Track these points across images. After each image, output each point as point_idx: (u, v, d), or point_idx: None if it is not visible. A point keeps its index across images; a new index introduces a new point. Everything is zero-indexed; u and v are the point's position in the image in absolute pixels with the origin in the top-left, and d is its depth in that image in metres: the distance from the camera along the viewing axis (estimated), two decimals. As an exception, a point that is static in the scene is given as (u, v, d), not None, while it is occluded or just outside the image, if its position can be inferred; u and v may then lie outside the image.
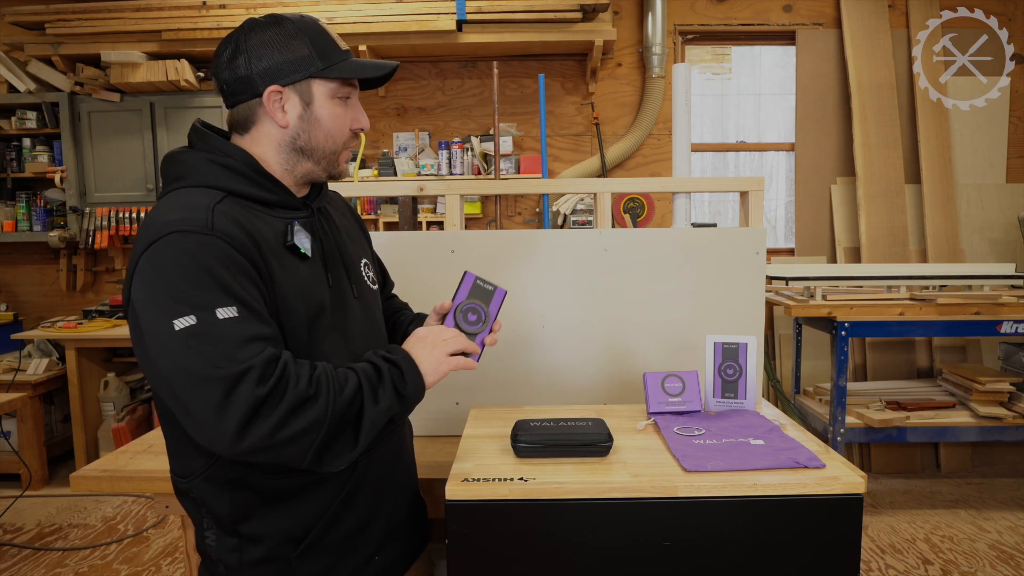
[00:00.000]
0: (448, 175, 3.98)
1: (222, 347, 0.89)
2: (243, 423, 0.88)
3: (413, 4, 3.63)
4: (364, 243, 1.31)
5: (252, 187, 1.04)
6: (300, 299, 1.03)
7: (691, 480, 1.11)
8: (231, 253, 0.95)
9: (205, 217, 0.95)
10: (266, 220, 1.04)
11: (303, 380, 0.93)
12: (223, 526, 1.06)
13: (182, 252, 0.92)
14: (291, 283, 1.02)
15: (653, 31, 3.95)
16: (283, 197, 1.08)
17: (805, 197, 4.12)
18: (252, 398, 0.88)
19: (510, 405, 1.69)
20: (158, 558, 2.86)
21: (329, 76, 1.06)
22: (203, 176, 1.02)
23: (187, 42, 3.75)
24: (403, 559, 1.24)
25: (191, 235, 0.93)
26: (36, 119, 4.02)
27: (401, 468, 1.25)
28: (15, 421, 3.61)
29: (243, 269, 0.96)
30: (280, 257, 1.02)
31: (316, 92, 1.07)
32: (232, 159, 1.04)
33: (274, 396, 0.90)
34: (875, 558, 2.81)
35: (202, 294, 0.91)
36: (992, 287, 3.22)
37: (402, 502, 1.24)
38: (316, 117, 1.07)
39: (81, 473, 1.55)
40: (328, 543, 1.09)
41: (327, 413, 0.94)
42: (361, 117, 1.13)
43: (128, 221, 4.00)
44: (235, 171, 1.04)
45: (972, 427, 3.10)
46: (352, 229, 1.27)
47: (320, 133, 1.08)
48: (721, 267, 1.73)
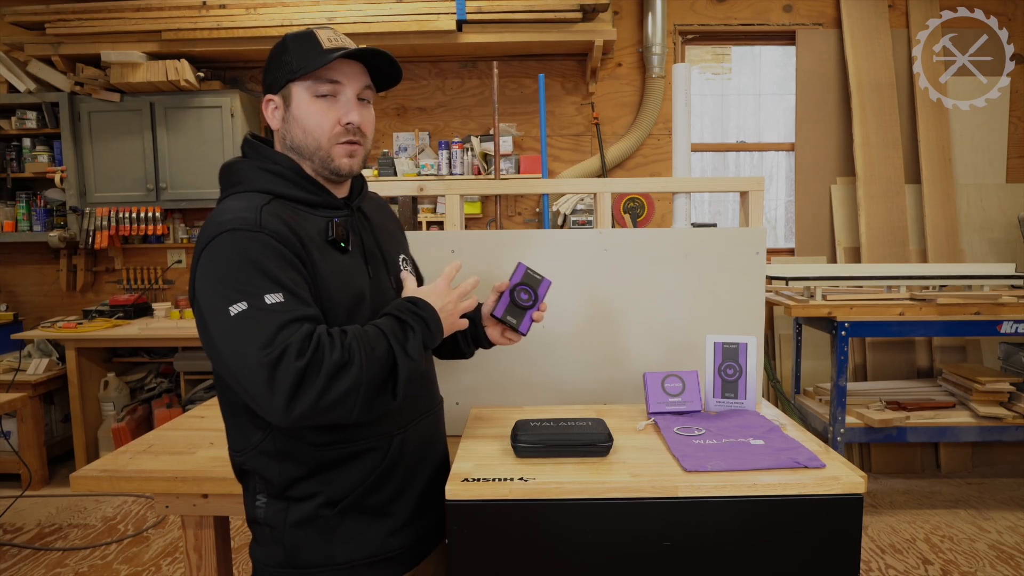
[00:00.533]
0: (448, 175, 3.98)
1: (269, 329, 1.01)
2: (290, 395, 0.99)
3: (413, 4, 3.63)
4: (402, 241, 1.40)
5: (296, 189, 1.16)
6: (341, 287, 1.13)
7: (691, 480, 1.11)
8: (277, 247, 1.06)
9: (255, 217, 1.07)
10: (309, 218, 1.16)
11: (336, 349, 1.03)
12: (272, 492, 1.17)
13: (235, 248, 1.05)
14: (332, 273, 1.13)
15: (653, 31, 3.95)
16: (324, 198, 1.19)
17: (805, 197, 4.12)
18: (294, 371, 0.99)
19: (510, 405, 1.69)
20: (158, 558, 2.86)
21: (299, 76, 1.14)
22: (254, 182, 1.16)
23: (187, 42, 3.75)
24: (424, 541, 1.27)
25: (242, 233, 1.05)
26: (36, 119, 4.02)
27: (436, 445, 1.32)
28: (15, 421, 3.61)
29: (288, 260, 1.07)
30: (322, 250, 1.13)
31: (295, 93, 1.16)
32: (279, 166, 1.17)
33: (313, 367, 1.00)
34: (875, 558, 2.81)
35: (253, 283, 1.03)
36: (992, 287, 3.22)
37: (436, 477, 1.29)
38: (294, 116, 1.17)
39: (81, 473, 1.55)
40: (364, 508, 1.17)
41: (363, 374, 1.04)
42: (350, 112, 1.16)
43: (128, 221, 4.00)
44: (281, 176, 1.17)
45: (972, 427, 3.10)
46: (390, 228, 1.36)
47: (299, 131, 1.17)
48: (721, 267, 1.73)
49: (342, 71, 1.16)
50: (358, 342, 1.05)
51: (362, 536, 1.17)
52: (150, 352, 4.11)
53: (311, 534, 1.16)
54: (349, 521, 1.17)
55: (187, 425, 1.88)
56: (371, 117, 1.22)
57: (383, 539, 1.19)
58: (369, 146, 1.23)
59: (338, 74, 1.16)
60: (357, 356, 1.04)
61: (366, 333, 1.08)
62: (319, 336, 1.03)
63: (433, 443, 1.30)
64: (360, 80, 1.18)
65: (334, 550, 1.16)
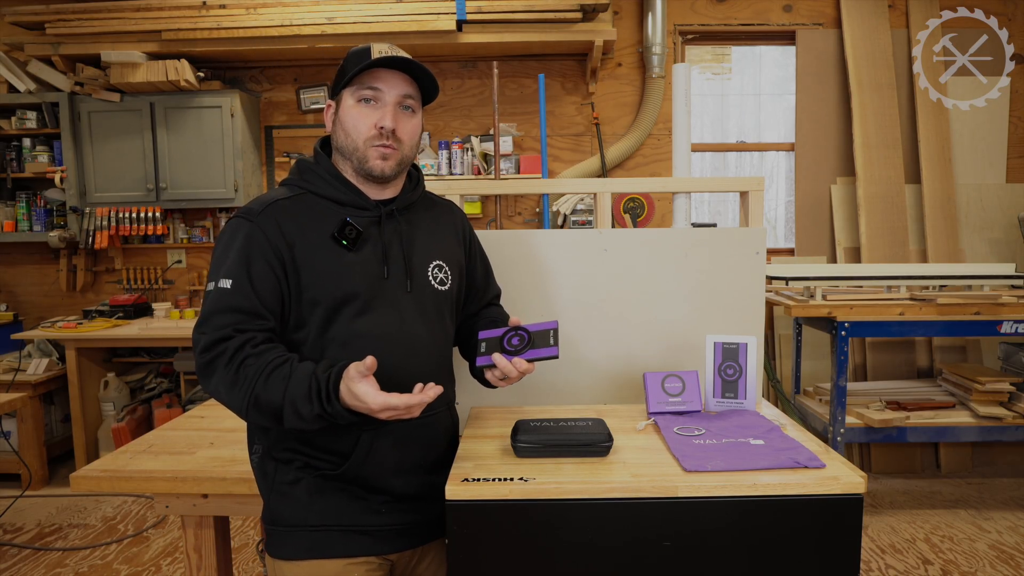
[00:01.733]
0: (448, 175, 3.98)
1: (208, 310, 1.16)
2: (199, 374, 1.17)
3: (413, 4, 3.63)
4: (450, 248, 1.38)
5: (327, 187, 1.27)
6: (332, 284, 1.20)
7: (691, 480, 1.11)
8: (260, 240, 1.19)
9: (259, 208, 1.22)
10: (330, 215, 1.25)
11: (231, 369, 1.13)
12: (265, 444, 1.28)
13: (231, 232, 1.21)
14: (324, 271, 1.21)
15: (653, 31, 3.95)
16: (352, 197, 1.27)
17: (805, 197, 4.12)
18: (200, 361, 1.15)
19: (510, 405, 1.69)
20: (158, 558, 2.86)
21: (347, 83, 1.24)
22: (301, 178, 1.29)
23: (187, 42, 3.75)
24: (413, 529, 1.29)
25: (241, 220, 1.22)
26: (36, 119, 4.01)
27: (422, 448, 1.30)
28: (15, 421, 3.61)
29: (264, 254, 1.18)
30: (322, 248, 1.21)
31: (344, 99, 1.26)
32: (319, 166, 1.29)
33: (209, 367, 1.14)
34: (875, 558, 2.81)
35: (225, 265, 1.18)
36: (992, 287, 3.22)
37: (432, 472, 1.30)
38: (341, 119, 1.27)
39: (81, 473, 1.55)
40: (345, 480, 1.24)
41: (245, 406, 1.13)
42: (385, 117, 1.23)
43: (128, 221, 4.00)
44: (319, 175, 1.28)
45: (972, 427, 3.10)
46: (441, 233, 1.38)
47: (342, 132, 1.26)
48: (721, 267, 1.73)
49: (382, 78, 1.23)
50: (253, 377, 1.11)
51: (338, 508, 1.24)
52: (150, 352, 4.11)
53: (293, 496, 1.24)
54: (328, 492, 1.24)
55: (187, 425, 1.88)
56: (411, 126, 1.27)
57: (359, 514, 1.25)
58: (407, 152, 1.28)
59: (379, 81, 1.23)
60: (244, 386, 1.12)
61: (268, 376, 1.11)
62: (227, 346, 1.13)
63: (421, 444, 1.29)
64: (400, 88, 1.24)
65: (308, 513, 1.24)
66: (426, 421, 1.28)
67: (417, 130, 1.29)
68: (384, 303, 1.24)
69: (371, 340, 1.21)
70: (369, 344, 1.20)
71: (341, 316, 1.21)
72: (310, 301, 1.20)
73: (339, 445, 1.23)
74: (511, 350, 1.23)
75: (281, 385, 1.11)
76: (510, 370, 1.21)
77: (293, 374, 1.11)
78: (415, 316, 1.28)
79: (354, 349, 1.20)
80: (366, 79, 1.23)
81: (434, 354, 1.31)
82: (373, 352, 1.14)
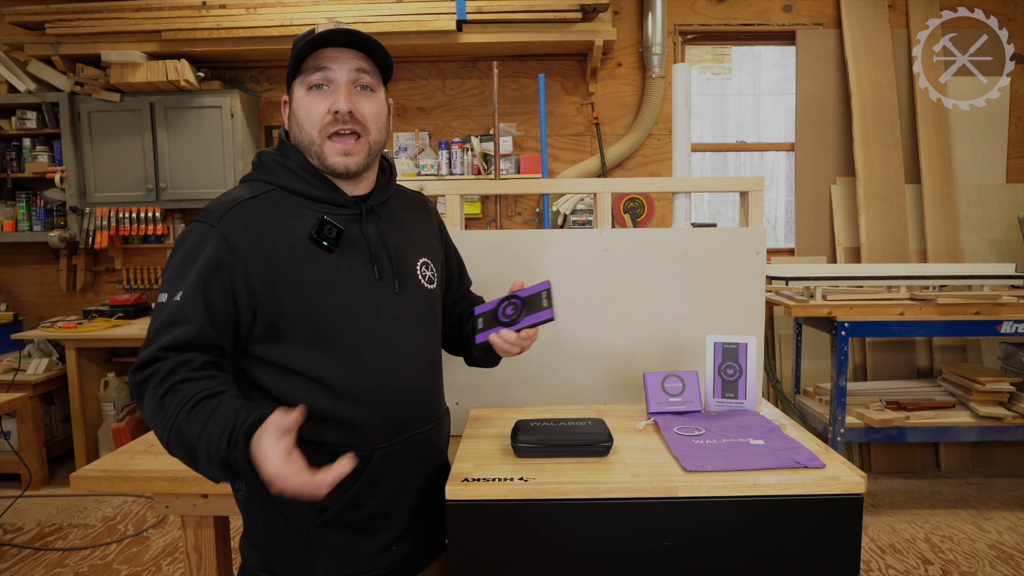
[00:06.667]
0: (448, 175, 3.98)
1: (154, 326, 1.03)
2: (132, 396, 1.08)
3: (413, 4, 3.63)
4: (430, 243, 1.30)
5: (300, 183, 1.13)
6: (317, 293, 1.08)
7: (691, 480, 1.11)
8: (223, 250, 1.05)
9: (221, 212, 1.07)
10: (305, 214, 1.11)
11: (157, 394, 0.98)
12: (251, 488, 1.15)
13: (190, 240, 1.06)
14: (308, 278, 1.08)
15: (653, 31, 3.95)
16: (329, 194, 1.14)
17: (805, 197, 4.12)
18: (131, 380, 1.02)
19: (510, 405, 1.69)
20: (158, 558, 2.86)
21: (297, 72, 1.13)
22: (268, 171, 1.15)
23: (187, 42, 3.75)
24: (421, 553, 1.23)
25: (201, 225, 1.07)
26: (36, 119, 4.01)
27: (428, 464, 1.23)
28: (15, 421, 3.61)
29: (226, 267, 1.04)
30: (303, 255, 1.08)
31: (295, 90, 1.14)
32: (289, 159, 1.15)
33: (139, 389, 1.01)
34: (875, 558, 2.81)
35: (178, 278, 1.04)
36: (992, 287, 3.22)
37: (426, 496, 1.22)
38: (294, 112, 1.14)
39: (81, 473, 1.55)
40: (346, 522, 1.13)
41: (166, 437, 0.98)
42: (338, 100, 1.09)
43: (128, 221, 4.00)
44: (290, 169, 1.14)
45: (972, 427, 3.10)
46: (420, 228, 1.29)
47: (297, 127, 1.14)
48: (721, 267, 1.73)
49: (330, 57, 1.10)
50: (178, 405, 0.96)
51: (343, 552, 1.13)
52: (150, 352, 4.10)
53: (290, 544, 1.12)
54: (330, 535, 1.12)
55: (187, 425, 1.88)
56: (373, 105, 1.13)
57: (368, 557, 1.14)
58: (375, 137, 1.14)
59: (327, 60, 1.10)
60: (167, 415, 0.97)
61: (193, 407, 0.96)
62: (159, 367, 0.99)
63: (427, 459, 1.23)
64: (351, 63, 1.10)
65: (313, 564, 1.12)
66: (435, 431, 1.25)
67: (381, 110, 1.15)
68: (378, 308, 1.14)
69: (370, 350, 1.12)
70: (368, 355, 1.11)
71: (332, 328, 1.09)
72: (293, 314, 1.06)
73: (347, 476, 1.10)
74: (506, 320, 1.22)
75: (202, 419, 0.94)
76: (506, 350, 1.21)
77: (218, 409, 0.95)
78: (411, 319, 1.18)
79: (353, 362, 1.10)
80: (312, 62, 1.10)
81: (427, 359, 1.23)
82: (373, 362, 1.10)
